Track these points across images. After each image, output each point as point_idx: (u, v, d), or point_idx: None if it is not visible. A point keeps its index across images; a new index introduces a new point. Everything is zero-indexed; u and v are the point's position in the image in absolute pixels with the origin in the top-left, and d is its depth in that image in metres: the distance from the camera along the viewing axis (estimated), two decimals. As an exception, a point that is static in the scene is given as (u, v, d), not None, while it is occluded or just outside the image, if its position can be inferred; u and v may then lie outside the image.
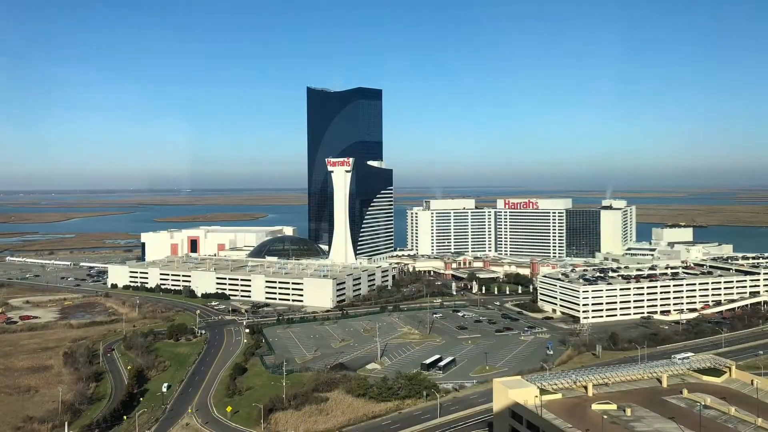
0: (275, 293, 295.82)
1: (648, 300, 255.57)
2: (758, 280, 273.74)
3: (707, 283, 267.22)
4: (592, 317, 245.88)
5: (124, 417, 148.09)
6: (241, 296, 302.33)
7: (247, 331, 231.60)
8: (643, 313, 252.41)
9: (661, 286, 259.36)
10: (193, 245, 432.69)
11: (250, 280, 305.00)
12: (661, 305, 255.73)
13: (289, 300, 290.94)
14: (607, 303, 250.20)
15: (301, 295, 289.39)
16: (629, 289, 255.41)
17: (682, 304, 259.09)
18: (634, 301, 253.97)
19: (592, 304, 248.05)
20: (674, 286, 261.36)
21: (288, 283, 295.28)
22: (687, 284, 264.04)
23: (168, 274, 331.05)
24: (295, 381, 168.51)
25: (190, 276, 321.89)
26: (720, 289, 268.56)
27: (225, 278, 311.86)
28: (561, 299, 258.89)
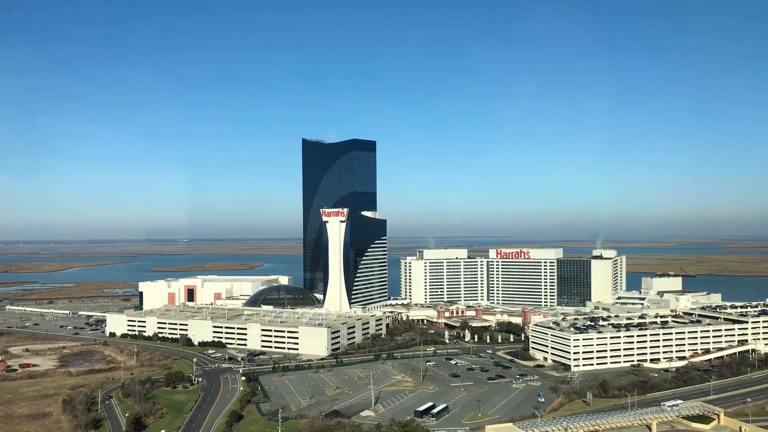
0: (271, 341, 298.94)
1: (638, 348, 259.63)
2: (746, 328, 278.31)
3: (696, 332, 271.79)
4: (583, 365, 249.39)
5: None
6: (238, 344, 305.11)
7: (243, 378, 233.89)
8: (633, 361, 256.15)
9: (650, 335, 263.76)
10: (190, 294, 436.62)
11: (246, 329, 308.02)
12: (650, 353, 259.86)
13: (284, 348, 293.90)
14: (597, 351, 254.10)
15: (297, 344, 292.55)
16: (619, 337, 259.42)
17: (672, 352, 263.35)
18: (624, 349, 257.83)
19: (583, 353, 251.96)
20: (663, 334, 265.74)
21: (283, 331, 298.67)
22: (676, 333, 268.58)
23: (165, 323, 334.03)
24: (290, 428, 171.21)
25: (187, 324, 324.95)
26: (708, 337, 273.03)
27: (221, 327, 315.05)
28: (552, 347, 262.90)
